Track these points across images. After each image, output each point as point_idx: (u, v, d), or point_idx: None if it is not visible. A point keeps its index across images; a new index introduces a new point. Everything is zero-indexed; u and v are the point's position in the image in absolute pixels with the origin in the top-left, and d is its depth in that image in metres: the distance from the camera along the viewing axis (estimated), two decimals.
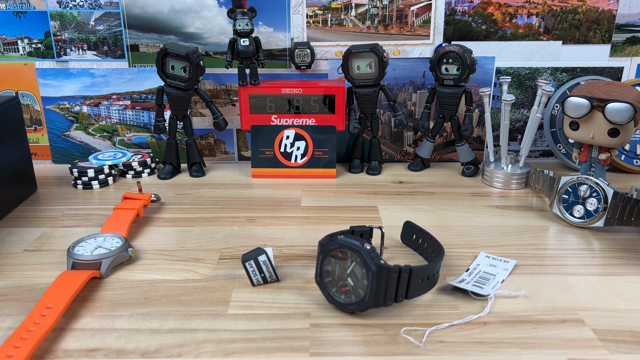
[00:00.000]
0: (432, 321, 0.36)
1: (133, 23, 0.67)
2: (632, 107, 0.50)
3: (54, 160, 0.73)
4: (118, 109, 0.71)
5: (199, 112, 0.71)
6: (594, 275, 0.42)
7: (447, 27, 0.68)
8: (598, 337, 0.34)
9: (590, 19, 0.67)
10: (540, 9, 0.67)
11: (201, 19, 0.67)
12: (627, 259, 0.45)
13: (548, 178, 0.55)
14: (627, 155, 0.67)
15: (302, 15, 0.67)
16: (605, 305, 0.38)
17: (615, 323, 0.36)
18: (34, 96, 0.70)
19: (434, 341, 0.34)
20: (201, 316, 0.36)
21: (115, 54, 0.68)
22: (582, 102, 0.52)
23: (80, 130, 0.72)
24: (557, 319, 0.36)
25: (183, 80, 0.63)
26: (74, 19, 0.67)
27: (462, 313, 0.37)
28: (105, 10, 0.67)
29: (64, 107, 0.71)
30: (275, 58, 0.69)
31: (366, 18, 0.68)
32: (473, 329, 0.35)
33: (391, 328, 0.35)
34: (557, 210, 0.53)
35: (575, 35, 0.68)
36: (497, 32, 0.68)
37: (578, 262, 0.44)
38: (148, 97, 0.70)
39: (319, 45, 0.68)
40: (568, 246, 0.48)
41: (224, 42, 0.68)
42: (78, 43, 0.68)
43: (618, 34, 0.68)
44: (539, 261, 0.45)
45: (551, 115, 0.69)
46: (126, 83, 0.70)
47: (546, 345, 0.33)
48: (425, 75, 0.69)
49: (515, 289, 0.40)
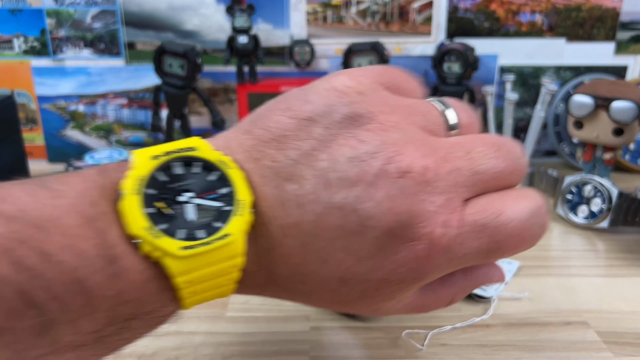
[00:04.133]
0: (434, 324, 0.35)
1: (130, 20, 0.67)
2: (637, 106, 0.49)
3: (50, 160, 0.72)
4: (115, 108, 0.70)
5: (196, 111, 0.70)
6: (598, 277, 0.42)
7: (449, 24, 0.67)
8: (602, 340, 0.34)
9: (594, 16, 0.67)
10: (543, 6, 0.67)
11: (199, 16, 0.67)
12: (632, 260, 0.44)
13: (552, 178, 0.55)
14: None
15: (302, 12, 0.67)
16: (610, 307, 0.37)
17: (620, 325, 0.35)
18: (30, 95, 0.70)
19: (436, 344, 0.33)
20: (199, 319, 0.36)
21: (112, 51, 0.68)
22: (586, 101, 0.52)
23: (77, 129, 0.71)
24: (561, 321, 0.36)
25: (181, 79, 0.62)
26: (70, 16, 0.67)
27: (464, 315, 0.36)
28: (102, 8, 0.66)
29: (60, 106, 0.70)
30: (274, 56, 0.68)
31: (367, 15, 0.67)
32: (476, 331, 0.35)
33: (392, 331, 0.35)
34: (560, 210, 0.52)
35: (578, 32, 0.67)
36: (500, 30, 0.67)
37: (582, 264, 0.44)
38: (145, 96, 0.70)
39: (319, 43, 0.68)
40: (572, 247, 0.47)
41: (222, 39, 0.67)
42: (75, 41, 0.67)
43: (622, 32, 0.68)
44: (543, 262, 0.44)
45: (554, 114, 0.68)
46: (123, 81, 0.69)
47: (550, 348, 0.33)
48: (427, 74, 0.69)
49: (519, 291, 0.39)
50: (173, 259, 0.18)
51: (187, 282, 0.18)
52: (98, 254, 0.17)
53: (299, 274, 0.20)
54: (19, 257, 0.15)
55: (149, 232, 0.17)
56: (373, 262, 0.19)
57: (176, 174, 0.20)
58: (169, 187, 0.19)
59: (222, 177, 0.20)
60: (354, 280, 0.20)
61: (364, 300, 0.21)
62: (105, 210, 0.18)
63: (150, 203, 0.18)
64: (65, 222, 0.17)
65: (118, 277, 0.17)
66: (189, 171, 0.20)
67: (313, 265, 0.20)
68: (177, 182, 0.19)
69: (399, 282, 0.20)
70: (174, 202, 0.19)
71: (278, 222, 0.20)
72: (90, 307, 0.17)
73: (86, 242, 0.17)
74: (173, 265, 0.18)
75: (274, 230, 0.20)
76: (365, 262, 0.19)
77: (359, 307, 0.22)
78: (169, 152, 0.20)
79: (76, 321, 0.16)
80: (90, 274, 0.16)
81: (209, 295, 0.19)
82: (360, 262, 0.19)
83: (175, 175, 0.20)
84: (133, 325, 0.18)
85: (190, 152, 0.20)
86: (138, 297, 0.18)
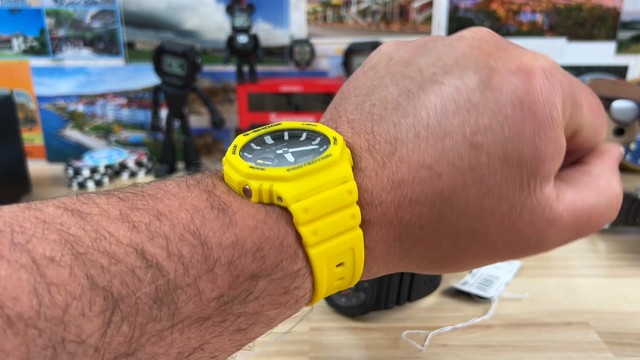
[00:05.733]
0: (435, 324, 0.35)
1: (130, 20, 0.67)
2: (638, 106, 0.49)
3: (49, 160, 0.72)
4: (114, 107, 0.70)
5: (196, 111, 0.70)
6: (599, 277, 0.42)
7: (449, 23, 0.67)
8: (603, 340, 0.33)
9: (595, 16, 0.67)
10: (544, 6, 0.66)
11: (199, 15, 0.66)
12: (632, 260, 0.44)
13: None
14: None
15: (301, 11, 0.67)
16: (611, 308, 0.37)
17: (621, 325, 0.35)
18: (29, 95, 0.69)
19: (437, 345, 0.33)
20: None
21: (112, 51, 0.68)
22: None
23: (76, 129, 0.71)
24: (562, 321, 0.36)
25: (180, 78, 0.62)
26: (70, 16, 0.66)
27: (465, 316, 0.36)
28: (102, 7, 0.66)
29: (60, 106, 0.70)
30: (274, 55, 0.68)
31: (367, 14, 0.67)
32: (476, 332, 0.34)
33: (393, 331, 0.34)
34: None
35: (579, 32, 0.67)
36: (500, 29, 0.67)
37: (583, 264, 0.44)
38: (144, 96, 0.69)
39: (319, 43, 0.68)
40: (573, 247, 0.47)
41: (221, 39, 0.67)
42: (74, 41, 0.67)
43: (623, 32, 0.68)
44: (544, 262, 0.44)
45: None
46: (122, 81, 0.69)
47: (550, 349, 0.33)
48: None
49: (519, 291, 0.39)
50: (282, 183, 0.17)
51: (303, 210, 0.17)
52: (210, 207, 0.17)
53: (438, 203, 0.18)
54: (134, 221, 0.16)
55: (255, 169, 0.18)
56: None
57: (269, 143, 0.20)
58: (266, 150, 0.20)
59: (310, 134, 0.20)
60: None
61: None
62: (209, 179, 0.18)
63: (251, 160, 0.19)
64: (173, 189, 0.17)
65: (233, 224, 0.17)
66: (282, 139, 0.21)
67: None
68: (273, 147, 0.20)
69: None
70: (274, 155, 0.19)
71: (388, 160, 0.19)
72: (209, 262, 0.16)
73: (197, 199, 0.17)
74: (284, 189, 0.17)
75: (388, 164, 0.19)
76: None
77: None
78: (257, 130, 0.21)
79: (196, 283, 0.16)
80: (204, 223, 0.16)
81: (335, 244, 0.18)
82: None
83: (269, 144, 0.20)
84: (258, 289, 0.17)
85: (277, 125, 0.21)
86: (256, 245, 0.17)
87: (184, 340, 0.16)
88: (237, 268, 0.16)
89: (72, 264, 0.14)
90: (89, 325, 0.14)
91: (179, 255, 0.16)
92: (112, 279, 0.14)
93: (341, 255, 0.18)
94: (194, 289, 0.16)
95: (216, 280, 0.16)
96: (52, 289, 0.14)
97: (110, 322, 0.14)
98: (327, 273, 0.18)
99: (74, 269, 0.14)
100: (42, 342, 0.13)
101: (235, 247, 0.16)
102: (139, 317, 0.15)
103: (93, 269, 0.14)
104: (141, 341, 0.15)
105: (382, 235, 0.19)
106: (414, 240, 0.19)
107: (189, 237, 0.16)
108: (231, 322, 0.17)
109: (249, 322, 0.17)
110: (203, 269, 0.16)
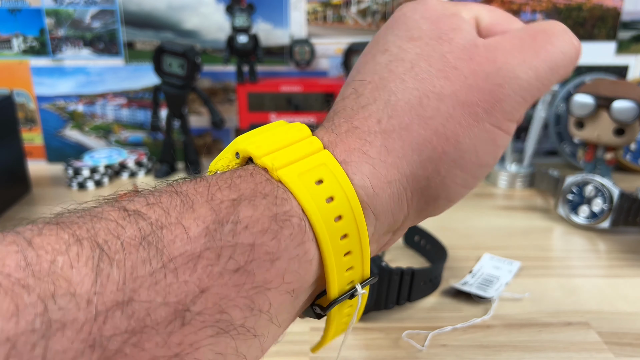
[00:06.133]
0: (435, 324, 0.35)
1: (129, 20, 0.66)
2: (638, 106, 0.49)
3: (49, 160, 0.72)
4: (114, 107, 0.70)
5: (196, 111, 0.70)
6: (599, 277, 0.41)
7: None
8: (603, 340, 0.33)
9: (595, 16, 0.67)
10: (544, 5, 0.66)
11: (199, 15, 0.66)
12: (633, 260, 0.44)
13: (553, 178, 0.55)
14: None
15: (301, 11, 0.66)
16: (611, 308, 0.37)
17: (621, 326, 0.35)
18: (29, 94, 0.69)
19: (437, 345, 0.33)
20: None
21: (112, 51, 0.68)
22: (587, 100, 0.52)
23: (76, 129, 0.71)
24: (562, 321, 0.36)
25: (180, 78, 0.62)
26: (70, 16, 0.66)
27: (465, 316, 0.36)
28: (102, 7, 0.66)
29: (59, 106, 0.70)
30: (274, 55, 0.68)
31: (367, 14, 0.67)
32: (477, 332, 0.34)
33: (393, 332, 0.34)
34: (561, 211, 0.52)
35: (579, 32, 0.67)
36: None
37: (583, 264, 0.44)
38: (144, 96, 0.69)
39: (319, 43, 0.68)
40: (573, 248, 0.47)
41: (221, 39, 0.67)
42: (74, 40, 0.67)
43: (623, 32, 0.67)
44: (544, 263, 0.44)
45: (555, 114, 0.68)
46: (122, 81, 0.69)
47: (551, 349, 0.33)
48: None
49: (520, 292, 0.39)
50: (245, 141, 0.20)
51: (256, 147, 0.20)
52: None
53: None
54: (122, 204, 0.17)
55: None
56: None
57: None
58: None
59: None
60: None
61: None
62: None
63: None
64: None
65: (204, 178, 0.19)
66: None
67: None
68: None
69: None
70: None
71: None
72: (187, 203, 0.17)
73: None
74: (246, 145, 0.20)
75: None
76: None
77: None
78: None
79: (179, 221, 0.17)
80: (180, 182, 0.19)
81: (302, 163, 0.19)
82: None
83: None
84: (244, 215, 0.17)
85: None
86: (228, 182, 0.18)
87: (180, 284, 0.15)
88: (215, 198, 0.17)
89: (57, 229, 0.15)
90: (78, 276, 0.14)
91: (158, 202, 0.17)
92: (96, 232, 0.15)
93: (315, 170, 0.19)
94: (178, 227, 0.16)
95: (199, 215, 0.16)
96: (39, 251, 0.14)
97: (99, 269, 0.14)
98: (318, 207, 0.18)
99: (59, 232, 0.15)
100: (31, 299, 0.13)
101: (209, 189, 0.17)
102: (128, 260, 0.15)
103: (78, 229, 0.15)
104: (133, 286, 0.14)
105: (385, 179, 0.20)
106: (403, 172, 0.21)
107: (165, 188, 0.18)
108: (227, 259, 0.16)
109: (247, 259, 0.16)
110: (183, 209, 0.17)
